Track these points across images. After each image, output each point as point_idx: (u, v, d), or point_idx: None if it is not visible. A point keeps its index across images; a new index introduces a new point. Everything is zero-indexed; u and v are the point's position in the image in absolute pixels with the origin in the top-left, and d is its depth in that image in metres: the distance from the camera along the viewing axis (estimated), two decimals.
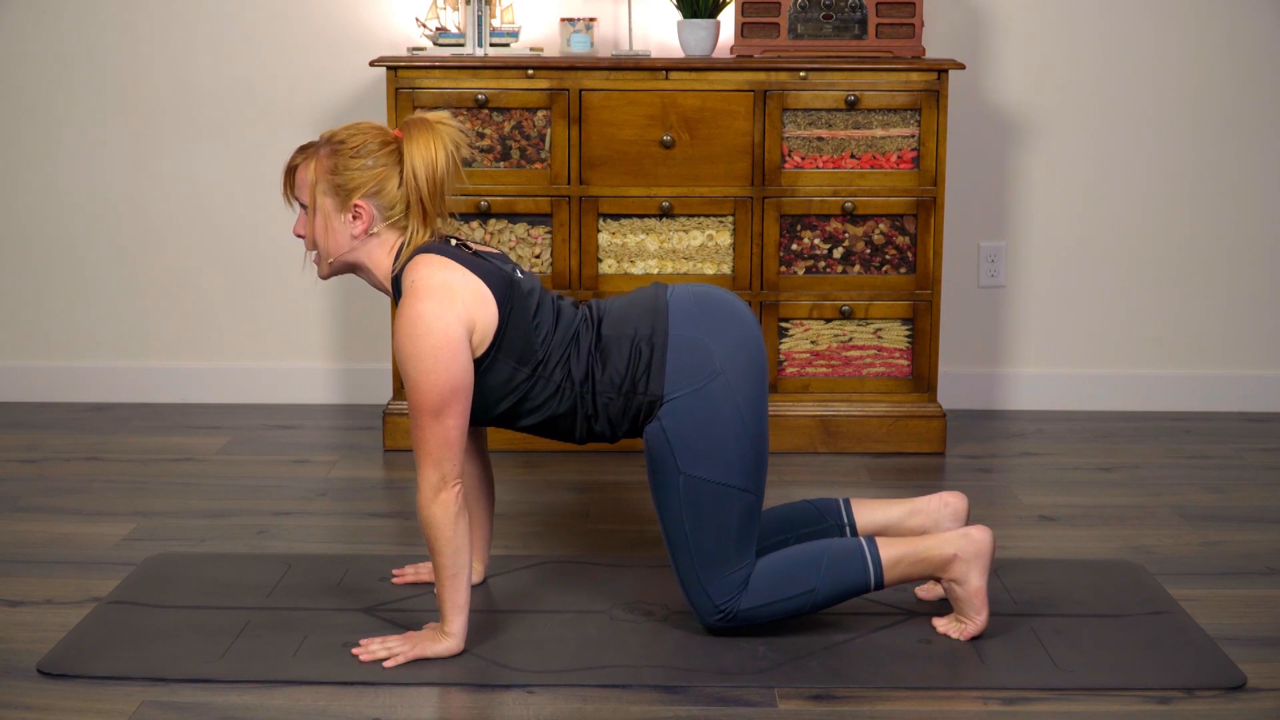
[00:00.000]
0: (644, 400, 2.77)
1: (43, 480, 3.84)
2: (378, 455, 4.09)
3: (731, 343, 2.79)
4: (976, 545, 2.81)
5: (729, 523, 2.77)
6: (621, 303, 2.87)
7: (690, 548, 2.78)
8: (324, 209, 2.79)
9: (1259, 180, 4.52)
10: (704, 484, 2.76)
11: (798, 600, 2.80)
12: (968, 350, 4.58)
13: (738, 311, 2.84)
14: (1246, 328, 4.59)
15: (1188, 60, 4.48)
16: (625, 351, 2.78)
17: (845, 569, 2.80)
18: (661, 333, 2.78)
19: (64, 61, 4.49)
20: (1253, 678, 2.71)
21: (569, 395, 2.80)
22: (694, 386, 2.75)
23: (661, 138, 4.04)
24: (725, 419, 2.75)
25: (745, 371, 2.79)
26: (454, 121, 2.80)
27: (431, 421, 2.68)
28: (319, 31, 4.47)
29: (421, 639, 2.76)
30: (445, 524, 2.70)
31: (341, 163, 2.77)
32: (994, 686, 2.67)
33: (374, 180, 2.77)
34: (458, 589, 2.73)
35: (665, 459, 2.77)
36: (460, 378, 2.68)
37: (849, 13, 4.12)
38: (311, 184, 2.79)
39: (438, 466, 2.69)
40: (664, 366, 2.76)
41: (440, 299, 2.69)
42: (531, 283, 2.83)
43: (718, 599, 2.79)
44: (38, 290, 4.60)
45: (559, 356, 2.79)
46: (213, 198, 4.55)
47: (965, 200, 4.50)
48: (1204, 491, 3.81)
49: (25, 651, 2.78)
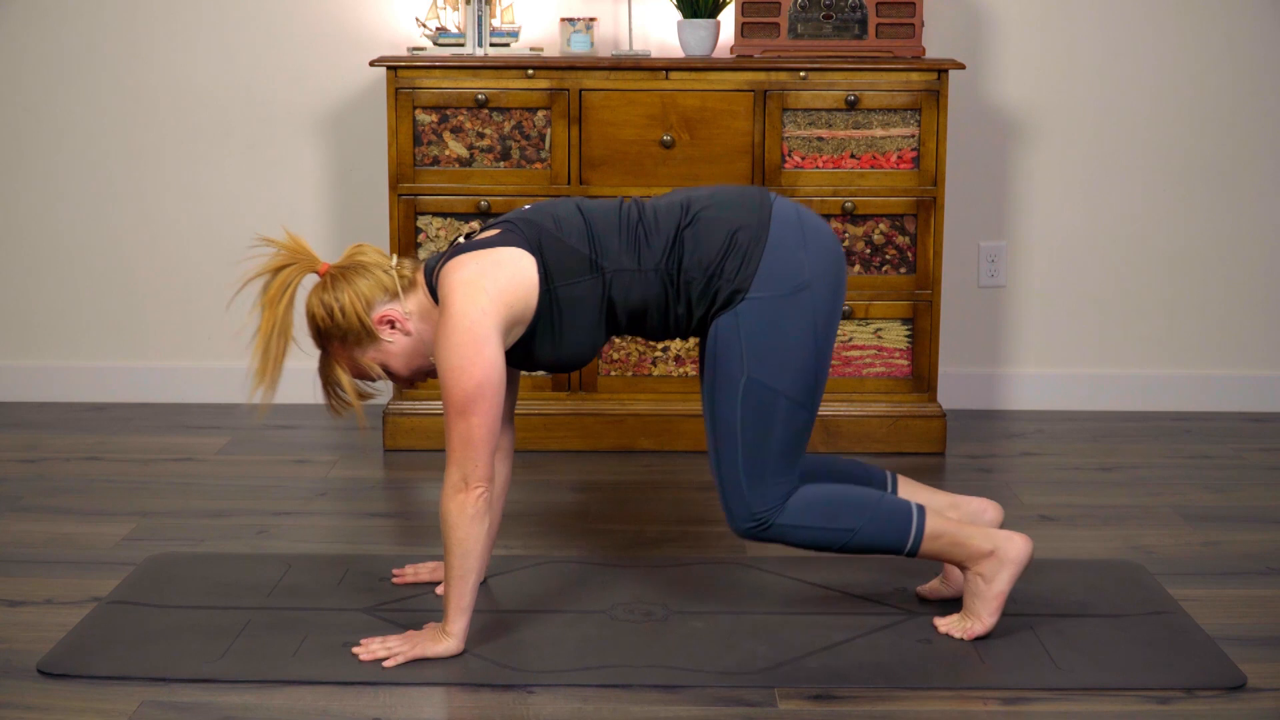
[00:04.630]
0: (726, 289, 2.75)
1: (43, 480, 3.84)
2: (378, 455, 4.09)
3: (824, 262, 2.78)
4: (1017, 550, 2.82)
5: (782, 434, 2.76)
6: (723, 192, 2.84)
7: (738, 451, 2.77)
8: (378, 358, 2.81)
9: (1258, 180, 4.52)
10: (766, 390, 2.75)
11: (835, 535, 2.80)
12: (968, 350, 4.58)
13: (831, 235, 2.84)
14: (1246, 328, 4.59)
15: (1187, 60, 4.48)
16: (721, 237, 2.75)
17: (890, 523, 2.80)
18: (764, 229, 2.76)
19: (64, 61, 4.49)
20: (1253, 678, 2.71)
21: (655, 279, 2.77)
22: (780, 292, 2.74)
23: (661, 138, 4.04)
24: (801, 332, 2.75)
25: (830, 294, 2.79)
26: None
27: (457, 419, 2.67)
28: (319, 31, 4.47)
29: (422, 639, 2.75)
30: (459, 524, 2.69)
31: (337, 332, 2.79)
32: (994, 686, 2.67)
33: (361, 303, 2.78)
34: (463, 591, 2.72)
35: (733, 355, 2.75)
36: (484, 374, 2.66)
37: (849, 13, 4.12)
38: (352, 364, 2.82)
39: (460, 466, 2.68)
40: (757, 263, 2.74)
41: (463, 294, 2.69)
42: (538, 209, 2.82)
43: (756, 507, 2.78)
44: (38, 290, 4.60)
45: (616, 246, 2.77)
46: (213, 197, 4.55)
47: (965, 200, 4.50)
48: (1204, 491, 3.81)
49: (25, 651, 2.78)
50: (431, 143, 4.06)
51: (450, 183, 4.07)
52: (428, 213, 4.08)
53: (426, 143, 4.06)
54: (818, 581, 3.13)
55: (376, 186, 4.46)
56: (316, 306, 2.79)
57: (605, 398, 4.12)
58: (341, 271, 2.80)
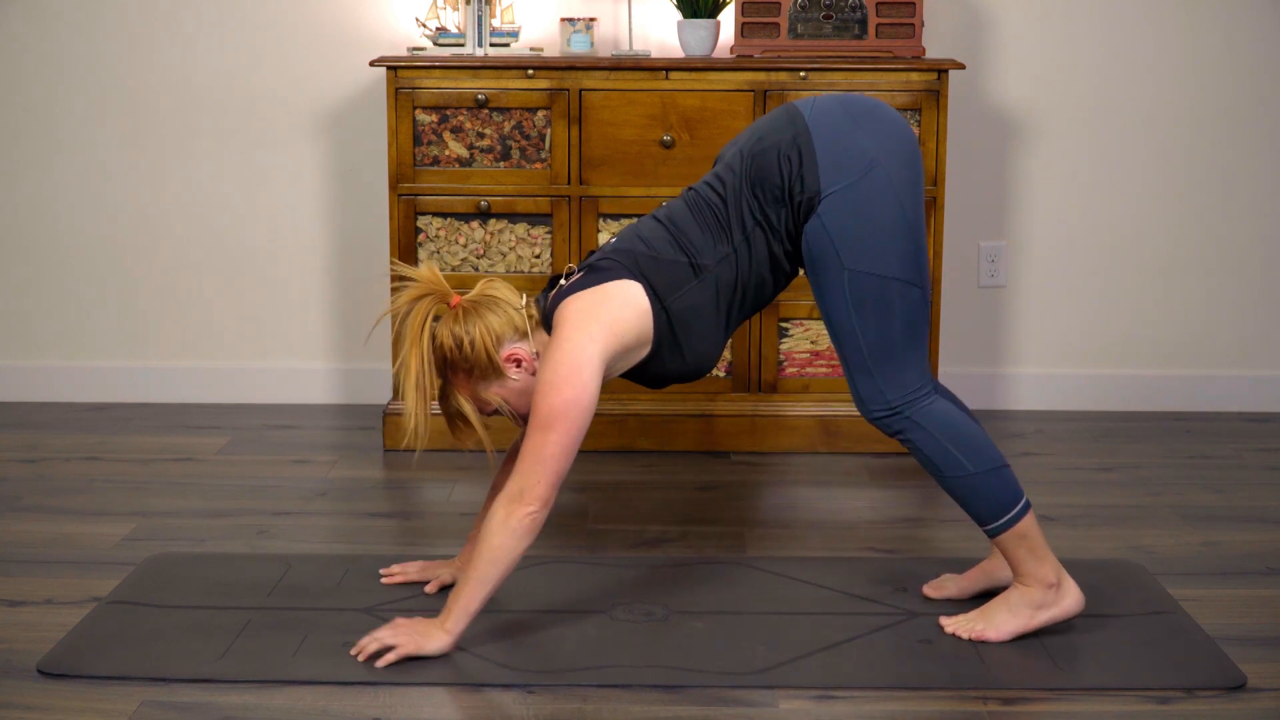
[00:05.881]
0: (803, 199, 2.74)
1: (43, 480, 3.84)
2: (377, 455, 4.09)
3: (886, 135, 2.76)
4: (1072, 600, 2.84)
5: (901, 317, 2.75)
6: (756, 127, 2.84)
7: (862, 347, 2.76)
8: (501, 393, 2.82)
9: (1258, 180, 4.52)
10: (871, 278, 2.73)
11: (953, 461, 2.78)
12: (968, 350, 4.58)
13: (885, 108, 2.82)
14: (1246, 328, 4.59)
15: (1187, 60, 4.48)
16: (774, 164, 2.75)
17: (1001, 491, 2.79)
18: (804, 132, 2.75)
19: (63, 61, 4.49)
20: (1253, 678, 2.71)
21: (759, 237, 2.78)
22: (851, 179, 2.72)
23: (661, 138, 4.04)
24: (888, 210, 2.73)
25: (904, 164, 2.76)
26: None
27: (535, 431, 2.68)
28: (319, 31, 4.47)
29: (415, 633, 2.74)
30: (499, 532, 2.69)
31: (464, 364, 2.79)
32: (994, 686, 2.67)
33: (491, 338, 2.78)
34: (476, 595, 2.72)
35: (828, 257, 2.74)
36: (575, 394, 2.67)
37: (849, 13, 4.12)
38: (473, 396, 2.81)
39: (523, 477, 2.69)
40: (815, 162, 2.73)
41: (574, 322, 2.72)
42: (624, 237, 2.84)
43: (891, 395, 2.77)
44: (37, 290, 4.60)
45: (701, 238, 2.78)
46: (213, 197, 4.55)
47: (965, 200, 4.50)
48: (1204, 491, 3.81)
49: (25, 651, 2.78)
50: (431, 143, 4.06)
51: (450, 183, 4.07)
52: (428, 213, 4.08)
53: (426, 143, 4.06)
54: (818, 581, 3.13)
55: (376, 186, 4.46)
56: (446, 337, 2.79)
57: (605, 398, 4.11)
58: (473, 305, 2.81)
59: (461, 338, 2.78)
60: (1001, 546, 2.82)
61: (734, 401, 4.13)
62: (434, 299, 2.79)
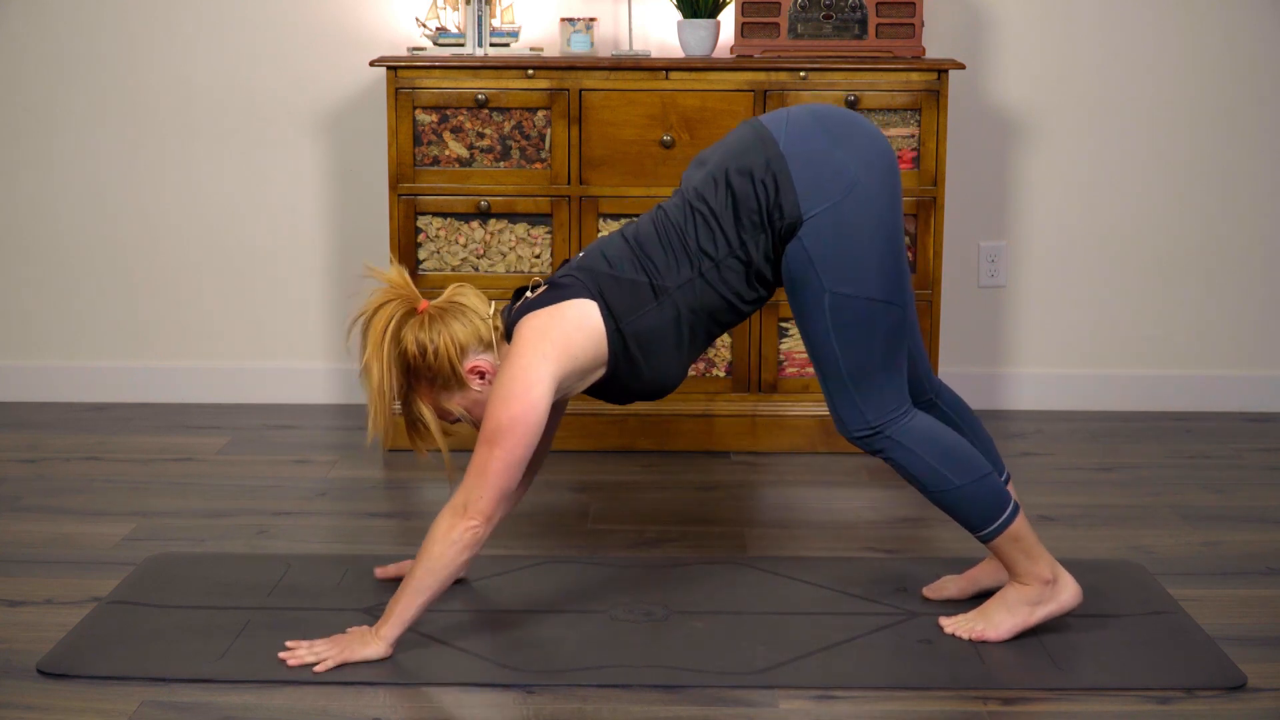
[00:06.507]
0: (783, 225, 2.72)
1: (43, 480, 3.84)
2: (377, 455, 4.09)
3: (864, 149, 2.74)
4: (1069, 594, 2.84)
5: (882, 338, 2.74)
6: (722, 153, 2.80)
7: (841, 368, 2.75)
8: (463, 403, 2.82)
9: (1258, 179, 4.52)
10: (851, 300, 2.72)
11: (937, 477, 2.78)
12: (968, 350, 4.58)
13: (861, 121, 2.79)
14: (1246, 328, 4.59)
15: (1187, 60, 4.48)
16: (750, 192, 2.72)
17: (989, 500, 2.79)
18: (777, 157, 2.72)
19: (63, 61, 4.49)
20: (1253, 678, 2.71)
21: (729, 268, 2.76)
22: (833, 200, 2.70)
23: (661, 138, 4.04)
24: (869, 230, 2.71)
25: (883, 179, 2.74)
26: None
27: (482, 445, 2.68)
28: (319, 31, 4.47)
29: (350, 643, 2.74)
30: (439, 543, 2.69)
31: (427, 372, 2.78)
32: (994, 686, 2.67)
33: (455, 348, 2.78)
34: (413, 604, 2.71)
35: (809, 279, 2.73)
36: (522, 411, 2.66)
37: (849, 13, 4.12)
38: (435, 404, 2.81)
39: (468, 491, 2.68)
40: (793, 187, 2.70)
41: (529, 340, 2.71)
42: (589, 253, 2.82)
43: (871, 415, 2.76)
44: (37, 290, 4.60)
45: (667, 262, 2.76)
46: (212, 197, 4.55)
47: (965, 200, 4.50)
48: (1204, 491, 3.81)
49: (25, 651, 2.78)
50: (431, 143, 4.06)
51: (450, 183, 4.07)
52: (428, 213, 4.08)
53: (426, 143, 4.06)
54: (818, 581, 3.13)
55: (376, 186, 4.46)
56: (410, 343, 2.78)
57: None
58: (440, 312, 2.80)
59: (426, 345, 2.77)
60: (995, 550, 2.83)
61: (734, 401, 4.13)
62: (400, 303, 2.78)
